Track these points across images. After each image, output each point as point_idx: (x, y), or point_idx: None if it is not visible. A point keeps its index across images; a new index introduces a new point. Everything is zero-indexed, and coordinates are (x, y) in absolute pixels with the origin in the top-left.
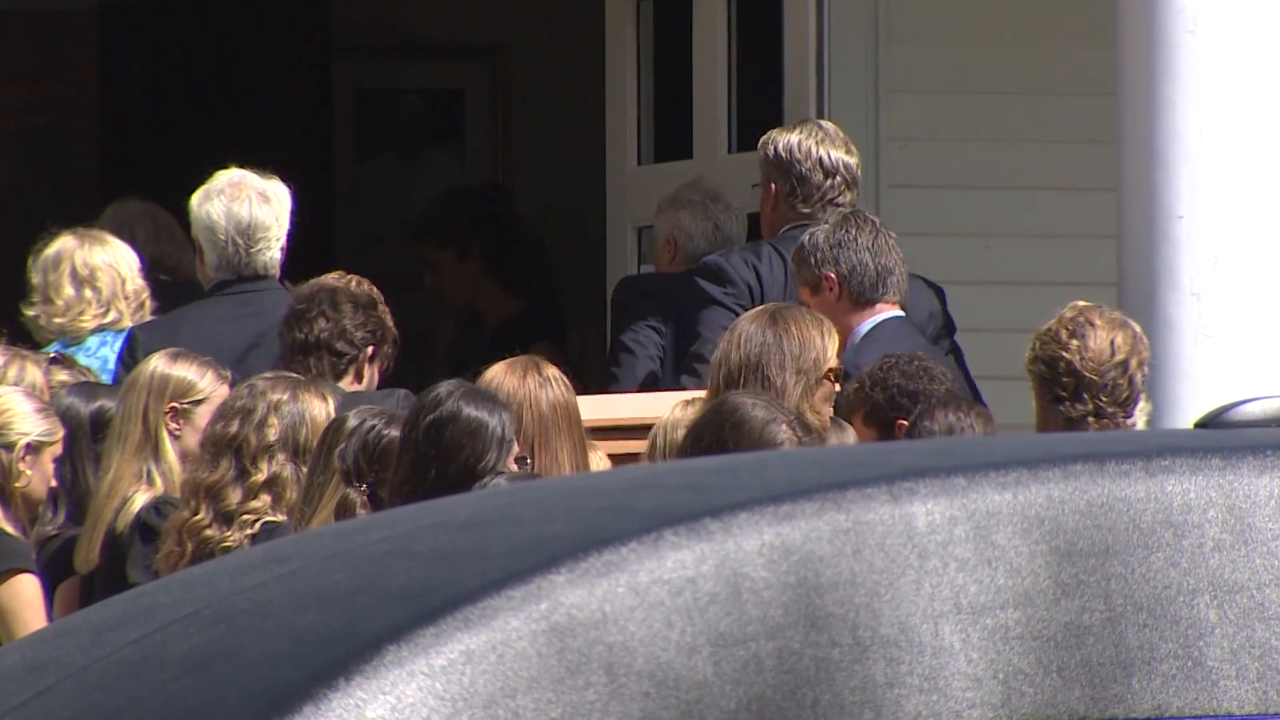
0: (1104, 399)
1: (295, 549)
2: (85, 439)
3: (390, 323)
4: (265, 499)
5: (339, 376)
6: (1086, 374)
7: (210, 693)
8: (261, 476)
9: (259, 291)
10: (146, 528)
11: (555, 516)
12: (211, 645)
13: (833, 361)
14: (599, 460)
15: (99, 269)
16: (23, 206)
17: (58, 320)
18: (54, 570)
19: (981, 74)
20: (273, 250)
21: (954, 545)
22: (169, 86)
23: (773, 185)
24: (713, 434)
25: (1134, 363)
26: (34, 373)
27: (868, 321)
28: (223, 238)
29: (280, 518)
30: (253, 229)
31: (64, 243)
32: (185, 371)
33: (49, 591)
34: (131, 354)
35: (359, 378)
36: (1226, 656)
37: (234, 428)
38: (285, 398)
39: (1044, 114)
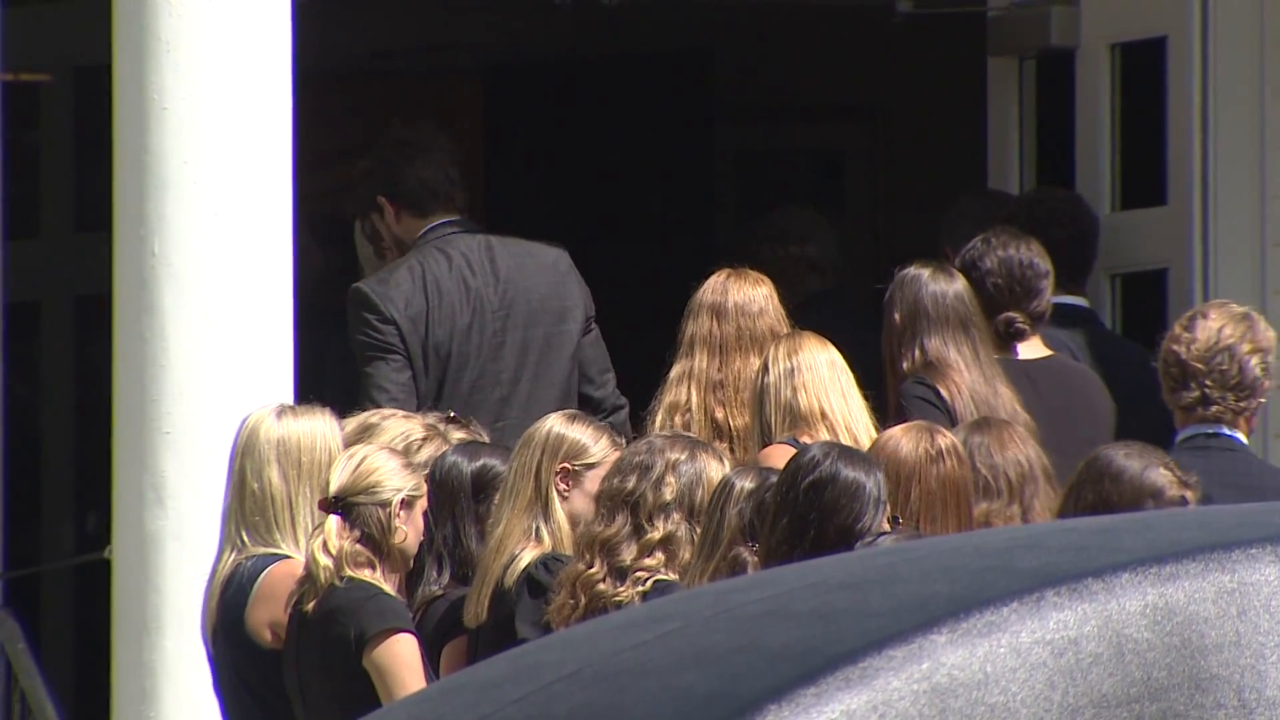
0: (1209, 384)
1: (676, 608)
2: (466, 497)
3: None
4: (659, 557)
5: None
6: (1191, 363)
7: None
8: (657, 534)
9: None
10: (534, 583)
11: (935, 576)
12: (594, 704)
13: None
14: None
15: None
16: None
17: None
18: (440, 630)
19: None
20: None
21: None
22: (552, 148)
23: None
24: (1092, 488)
25: (1244, 349)
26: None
27: None
28: None
29: (673, 576)
30: None
31: None
32: (580, 434)
33: (435, 650)
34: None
35: None
36: None
37: (630, 483)
38: (683, 457)
39: None
